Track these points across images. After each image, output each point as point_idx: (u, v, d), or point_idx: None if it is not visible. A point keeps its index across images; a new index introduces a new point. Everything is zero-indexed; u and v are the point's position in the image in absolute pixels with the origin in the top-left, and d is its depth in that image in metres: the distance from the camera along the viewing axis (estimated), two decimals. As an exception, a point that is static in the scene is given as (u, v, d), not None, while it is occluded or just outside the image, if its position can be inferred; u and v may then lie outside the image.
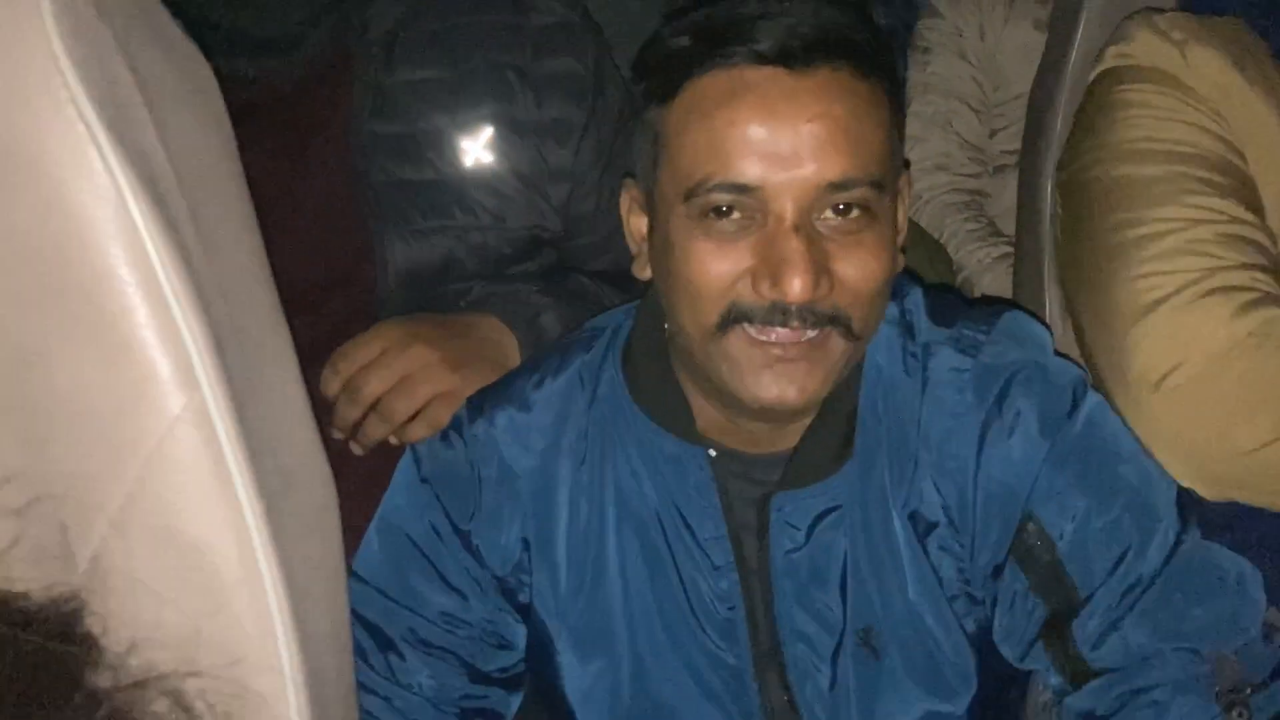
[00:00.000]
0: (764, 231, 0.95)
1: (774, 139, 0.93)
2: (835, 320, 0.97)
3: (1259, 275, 1.13)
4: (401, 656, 1.14)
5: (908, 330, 1.08)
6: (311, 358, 1.26)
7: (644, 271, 1.07)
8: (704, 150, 0.95)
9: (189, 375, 0.57)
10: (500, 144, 1.31)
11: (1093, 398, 1.08)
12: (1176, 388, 1.10)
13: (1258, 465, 1.10)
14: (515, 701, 1.22)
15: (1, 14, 0.54)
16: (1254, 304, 1.11)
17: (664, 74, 0.99)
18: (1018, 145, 1.77)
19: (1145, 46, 1.25)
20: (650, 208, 1.04)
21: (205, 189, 0.65)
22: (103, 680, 0.53)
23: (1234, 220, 1.15)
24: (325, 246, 1.27)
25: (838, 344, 0.99)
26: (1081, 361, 1.18)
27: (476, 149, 1.30)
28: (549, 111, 1.33)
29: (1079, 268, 1.25)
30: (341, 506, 1.14)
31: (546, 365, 1.16)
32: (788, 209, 0.94)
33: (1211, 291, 1.11)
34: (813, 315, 0.96)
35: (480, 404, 1.15)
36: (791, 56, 0.94)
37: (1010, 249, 1.90)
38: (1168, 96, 1.21)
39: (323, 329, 1.23)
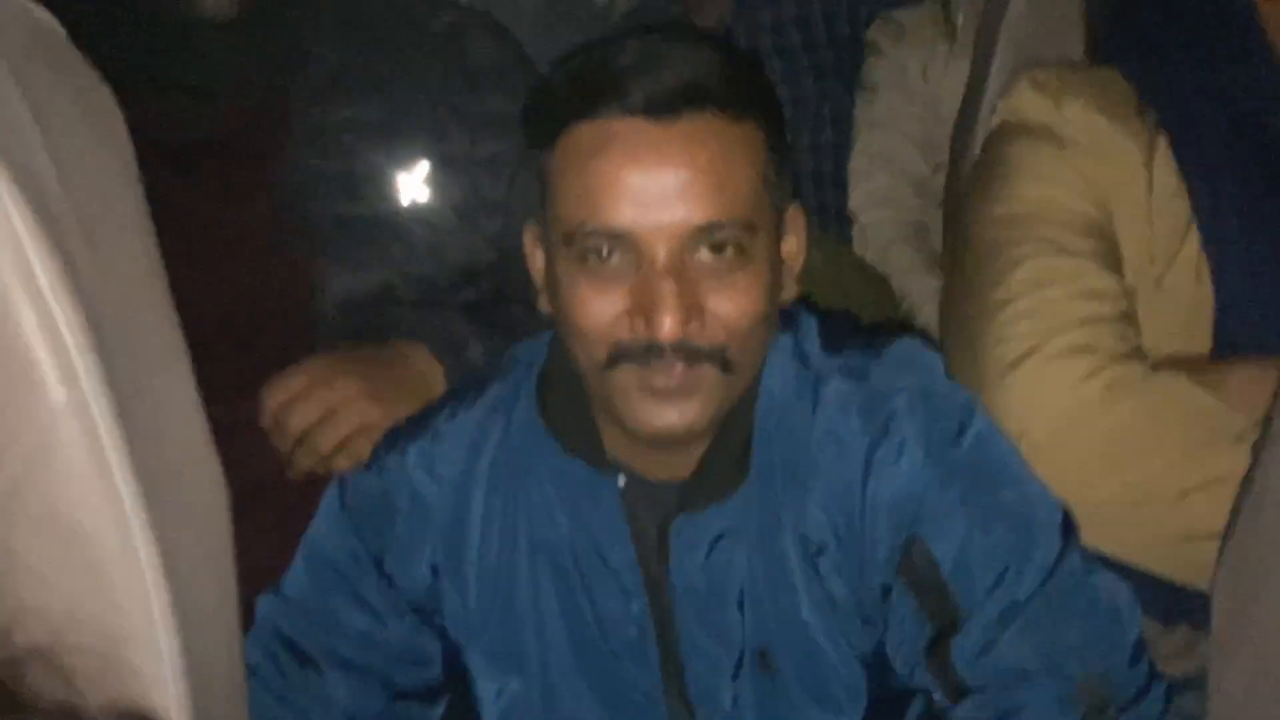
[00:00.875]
0: (639, 274, 0.99)
1: (642, 186, 0.97)
2: (710, 356, 1.01)
3: (1106, 331, 1.17)
4: (320, 673, 1.17)
5: (801, 358, 1.12)
6: (247, 387, 1.28)
7: (546, 306, 1.10)
8: (578, 197, 0.99)
9: (70, 371, 0.62)
10: (436, 180, 1.35)
11: (980, 421, 1.10)
12: (1035, 446, 1.13)
13: (1114, 521, 1.14)
14: (435, 713, 1.24)
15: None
16: (1100, 367, 1.15)
17: (543, 122, 1.04)
18: (957, 180, 1.82)
19: (1025, 101, 1.30)
20: (540, 230, 1.08)
21: (98, 202, 0.70)
22: None
23: (1082, 277, 1.19)
24: (261, 281, 1.31)
25: (713, 376, 1.02)
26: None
27: (413, 185, 1.35)
28: (482, 149, 1.38)
29: (952, 328, 1.30)
30: (274, 528, 1.21)
31: (462, 396, 1.19)
32: (659, 252, 0.98)
33: (1061, 354, 1.15)
34: (686, 351, 0.99)
35: (395, 437, 1.18)
36: (657, 107, 0.97)
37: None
38: (1040, 154, 1.26)
39: (258, 360, 1.26)
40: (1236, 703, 0.87)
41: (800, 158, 2.30)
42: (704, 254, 0.99)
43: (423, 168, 1.35)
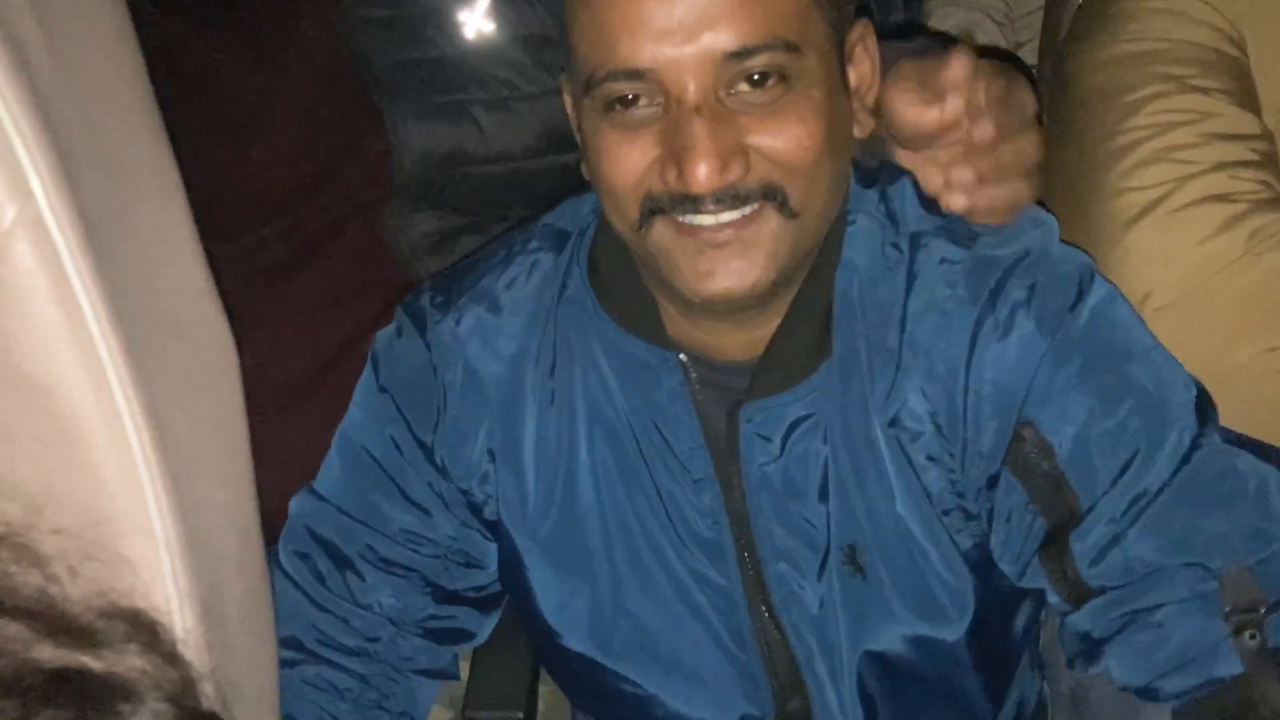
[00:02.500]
0: (669, 116, 0.88)
1: (658, 14, 0.86)
2: (767, 194, 0.90)
3: (1245, 176, 1.06)
4: (360, 576, 1.10)
5: (891, 219, 1.00)
6: (291, 263, 1.23)
7: (586, 171, 1.00)
8: (592, 39, 0.89)
9: (19, 183, 0.50)
10: (500, 8, 1.24)
11: (1101, 287, 0.99)
12: (1160, 309, 1.04)
13: (1251, 393, 1.04)
14: (490, 621, 1.17)
15: None
16: (1240, 216, 1.04)
17: None
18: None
19: None
20: (574, 99, 0.98)
21: (71, 17, 0.57)
22: None
23: (1215, 117, 1.08)
24: (305, 147, 1.23)
25: (773, 221, 0.91)
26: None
27: (475, 19, 1.24)
28: None
29: (1062, 184, 1.18)
30: (320, 428, 1.11)
31: (519, 263, 1.09)
32: (688, 89, 0.87)
33: (1193, 203, 1.05)
34: (732, 197, 0.89)
35: (446, 300, 1.09)
36: None
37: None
38: None
39: (304, 233, 1.20)
40: None
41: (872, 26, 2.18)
42: (742, 86, 0.88)
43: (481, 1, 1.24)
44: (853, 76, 0.96)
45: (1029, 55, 2.09)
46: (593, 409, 1.05)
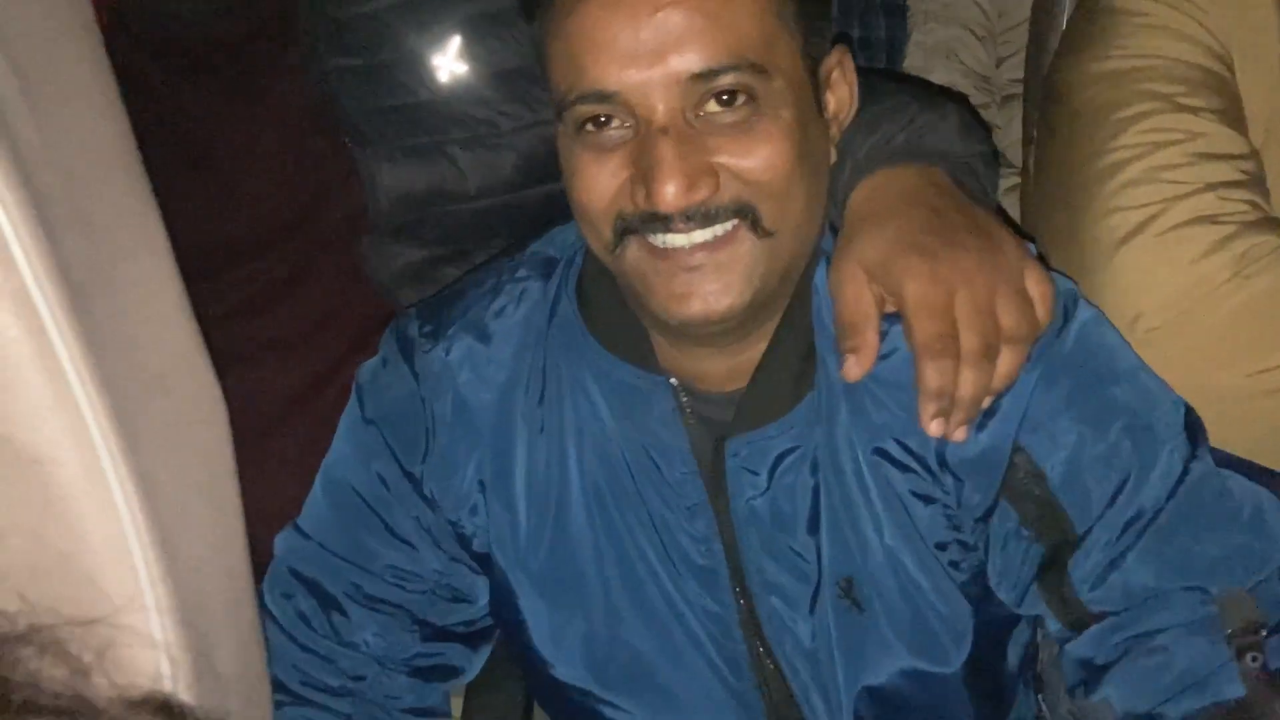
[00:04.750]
0: (638, 137, 0.89)
1: (624, 38, 0.86)
2: (739, 213, 0.90)
3: (1234, 196, 1.07)
4: (345, 614, 1.09)
5: None
6: (273, 298, 1.23)
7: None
8: (562, 62, 0.90)
9: (4, 253, 0.49)
10: (471, 48, 1.25)
11: (1085, 311, 0.99)
12: (1151, 330, 1.05)
13: (1242, 415, 1.05)
14: (479, 657, 1.17)
15: None
16: (1229, 238, 1.05)
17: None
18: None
19: None
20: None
21: (43, 62, 0.56)
22: None
23: (1203, 137, 1.09)
24: (284, 188, 1.25)
25: (748, 242, 0.91)
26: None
27: (448, 62, 1.25)
28: None
29: (1051, 201, 1.20)
30: (300, 459, 1.11)
31: (507, 292, 1.09)
32: (656, 110, 0.87)
33: (1182, 224, 1.05)
34: (702, 216, 0.89)
35: (435, 329, 1.08)
36: None
37: (1020, 179, 1.82)
38: (1156, 2, 1.15)
39: (284, 269, 1.21)
40: None
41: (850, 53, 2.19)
42: (711, 106, 0.88)
43: (453, 42, 1.24)
44: (830, 101, 0.96)
45: (1011, 69, 2.11)
46: (584, 436, 1.04)
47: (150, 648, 0.54)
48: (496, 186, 1.25)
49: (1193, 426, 0.97)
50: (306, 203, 1.24)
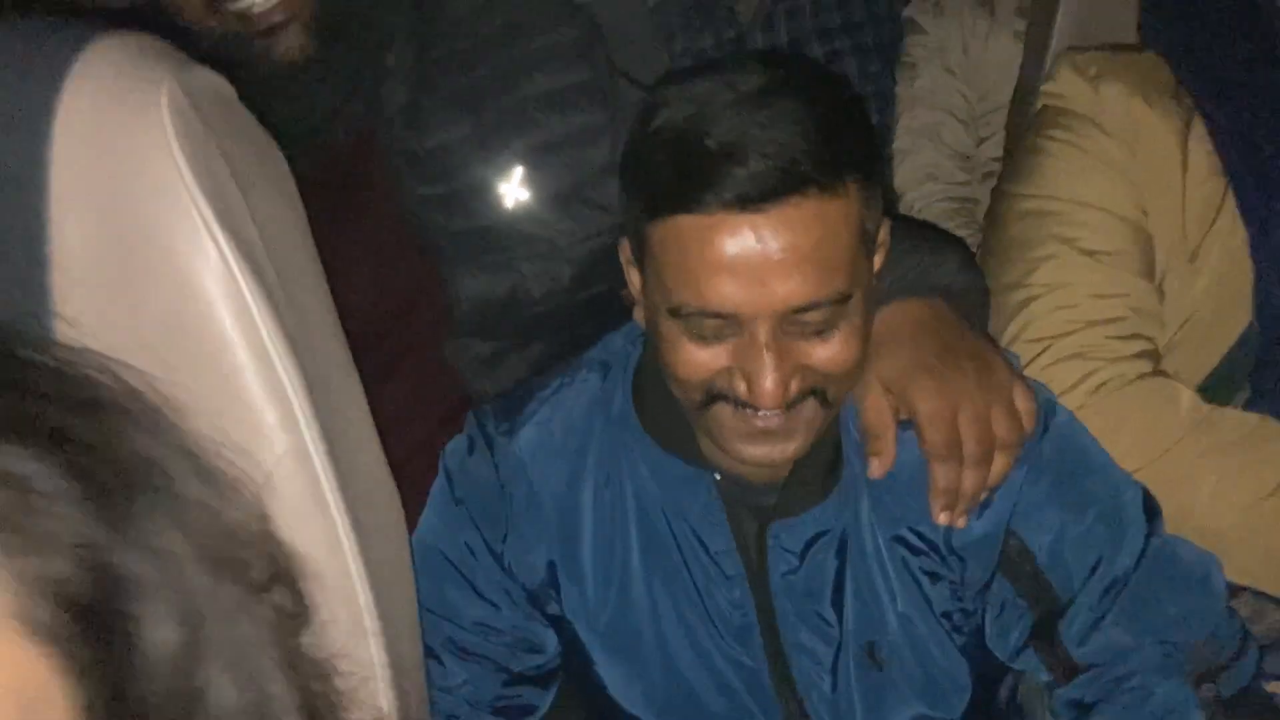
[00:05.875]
0: (740, 339, 1.03)
1: (744, 272, 0.99)
2: (809, 394, 1.06)
3: (1109, 334, 1.24)
4: (441, 663, 1.23)
5: None
6: (374, 381, 1.38)
7: (641, 320, 1.15)
8: (682, 279, 1.02)
9: (290, 420, 0.69)
10: (533, 175, 1.38)
11: (1061, 415, 1.16)
12: None
13: None
14: (549, 696, 1.32)
15: (130, 122, 0.66)
16: (1093, 372, 1.23)
17: (645, 198, 1.05)
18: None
19: (1065, 85, 1.35)
20: (642, 280, 1.11)
21: (288, 259, 0.77)
22: None
23: (1099, 277, 1.26)
24: (381, 288, 1.37)
25: (815, 411, 1.07)
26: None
27: (514, 190, 1.38)
28: (574, 121, 1.39)
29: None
30: None
31: (569, 392, 1.24)
32: (760, 328, 1.01)
33: (1058, 360, 1.23)
34: (787, 404, 1.04)
35: (510, 426, 1.23)
36: (753, 199, 0.98)
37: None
38: (1076, 144, 1.31)
39: (381, 359, 1.31)
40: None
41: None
42: (803, 317, 1.03)
43: (517, 171, 1.38)
44: (877, 263, 1.11)
45: (991, 148, 2.29)
46: (641, 518, 1.20)
47: (374, 695, 0.74)
48: (557, 293, 1.39)
49: (1150, 507, 1.15)
50: (396, 310, 1.37)
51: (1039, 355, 1.25)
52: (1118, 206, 1.30)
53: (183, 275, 0.67)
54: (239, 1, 1.23)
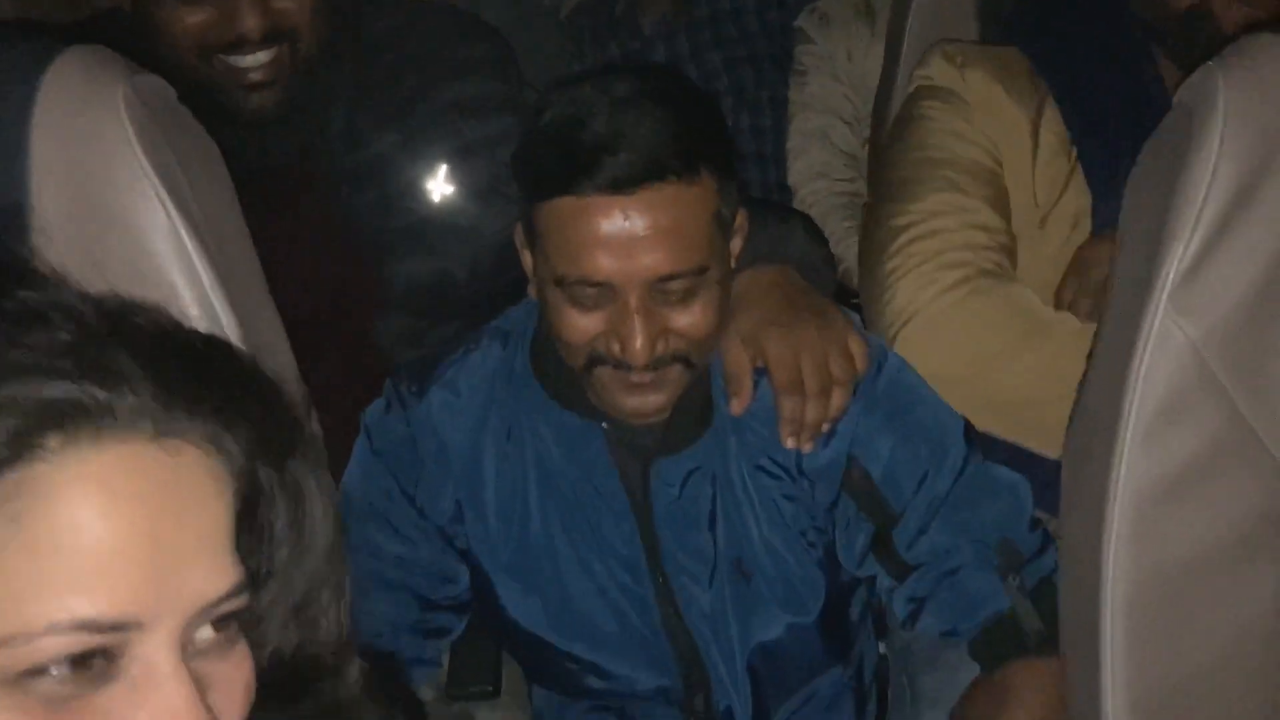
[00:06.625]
0: (614, 306, 1.17)
1: (615, 246, 1.14)
2: (676, 359, 1.21)
3: (983, 255, 1.42)
4: (365, 593, 1.30)
5: None
6: (309, 356, 1.50)
7: (535, 295, 1.28)
8: (564, 254, 1.17)
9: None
10: (454, 175, 1.55)
11: (892, 359, 1.32)
12: (917, 329, 1.39)
13: (966, 396, 1.36)
14: (463, 620, 1.46)
15: (94, 116, 0.84)
16: (969, 277, 1.40)
17: (530, 184, 1.21)
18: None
19: (937, 70, 1.55)
20: (533, 258, 1.25)
21: (223, 229, 0.95)
22: None
23: (973, 212, 1.44)
24: (316, 273, 1.51)
25: (679, 373, 1.23)
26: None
27: (439, 186, 1.56)
28: (489, 125, 1.57)
29: (864, 248, 1.55)
30: None
31: (474, 357, 1.37)
32: (631, 296, 1.16)
33: (941, 266, 1.41)
34: (655, 363, 1.19)
35: (420, 388, 1.36)
36: (623, 184, 1.13)
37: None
38: (948, 111, 1.51)
39: (315, 335, 1.37)
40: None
41: (743, 140, 2.47)
42: (665, 286, 1.18)
43: (440, 169, 1.56)
44: (735, 245, 1.27)
45: (873, 146, 2.44)
46: (539, 464, 1.34)
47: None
48: (480, 276, 1.56)
49: (969, 434, 1.33)
50: (329, 292, 1.50)
51: (920, 264, 1.40)
52: (987, 159, 1.48)
53: (139, 236, 0.84)
54: (232, 59, 1.38)
